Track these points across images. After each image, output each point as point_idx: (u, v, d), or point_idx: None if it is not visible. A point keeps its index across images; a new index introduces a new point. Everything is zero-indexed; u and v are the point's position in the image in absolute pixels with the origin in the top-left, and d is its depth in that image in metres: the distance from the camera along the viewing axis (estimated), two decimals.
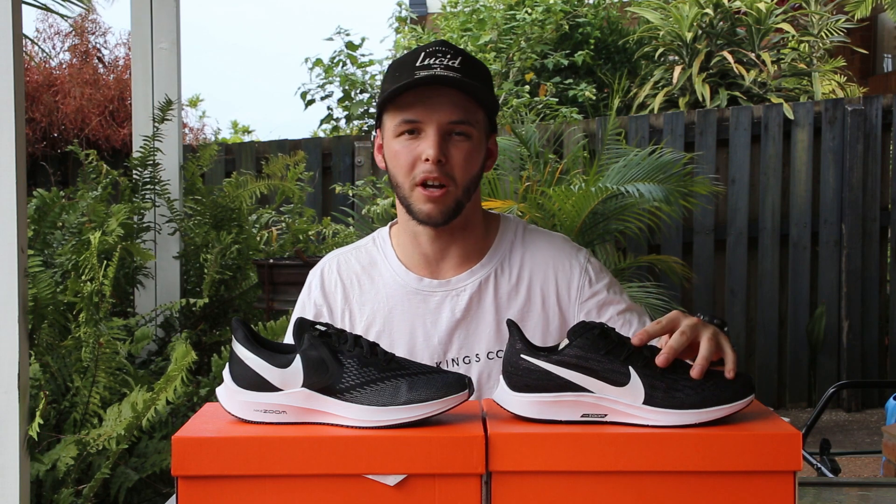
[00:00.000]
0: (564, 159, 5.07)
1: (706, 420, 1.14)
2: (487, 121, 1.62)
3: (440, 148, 1.54)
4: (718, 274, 5.66)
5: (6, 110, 2.10)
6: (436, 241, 1.64)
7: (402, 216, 1.66)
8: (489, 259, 1.66)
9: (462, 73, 1.55)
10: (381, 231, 1.74)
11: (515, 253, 1.67)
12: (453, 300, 1.64)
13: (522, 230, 1.71)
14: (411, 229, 1.65)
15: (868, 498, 1.76)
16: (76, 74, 6.05)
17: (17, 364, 2.11)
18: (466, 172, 1.57)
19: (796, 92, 6.81)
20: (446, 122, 1.55)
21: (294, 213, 4.23)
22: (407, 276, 1.66)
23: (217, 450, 1.12)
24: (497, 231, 1.69)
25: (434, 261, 1.66)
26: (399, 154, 1.57)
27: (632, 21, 7.71)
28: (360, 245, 1.74)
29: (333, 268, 1.70)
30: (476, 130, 1.58)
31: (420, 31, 7.86)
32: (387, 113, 1.60)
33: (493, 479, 1.12)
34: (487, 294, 1.64)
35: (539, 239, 1.70)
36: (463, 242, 1.65)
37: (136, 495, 2.67)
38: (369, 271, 1.68)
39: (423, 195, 1.56)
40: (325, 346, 1.17)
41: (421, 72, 1.54)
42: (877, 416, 5.35)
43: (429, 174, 1.55)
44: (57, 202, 3.09)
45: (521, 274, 1.66)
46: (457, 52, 1.58)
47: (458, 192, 1.57)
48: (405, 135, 1.57)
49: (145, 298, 3.42)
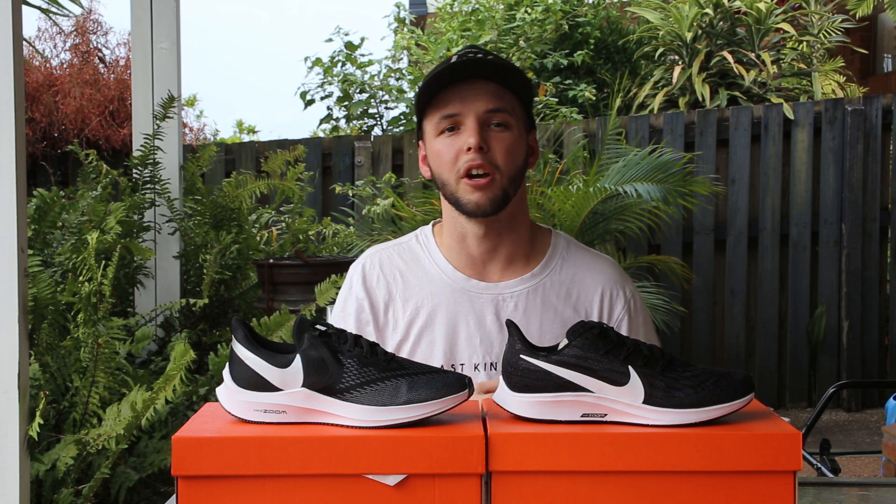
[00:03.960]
0: (564, 159, 5.06)
1: (706, 419, 1.14)
2: (525, 115, 1.63)
3: (480, 135, 1.55)
4: (718, 274, 5.66)
5: (6, 110, 2.10)
6: (483, 242, 1.64)
7: (448, 217, 1.66)
8: (541, 270, 1.66)
9: (495, 63, 1.58)
10: (423, 229, 1.74)
11: (566, 269, 1.67)
12: (499, 304, 1.64)
13: (573, 247, 1.72)
14: (458, 230, 1.65)
15: (868, 498, 1.75)
16: (76, 74, 6.04)
17: (17, 364, 2.11)
18: (510, 162, 1.58)
19: (796, 92, 6.81)
20: (483, 112, 1.56)
21: (294, 213, 4.23)
22: (455, 274, 1.65)
23: (217, 450, 1.12)
24: (549, 244, 1.70)
25: (480, 262, 1.66)
26: (441, 152, 1.59)
27: (632, 21, 7.71)
28: (401, 242, 1.74)
29: (376, 263, 1.70)
30: (514, 120, 1.60)
31: (419, 31, 7.85)
32: (426, 118, 1.62)
33: (493, 479, 1.12)
34: (535, 305, 1.64)
35: (590, 259, 1.71)
36: (510, 244, 1.65)
37: (136, 495, 2.67)
38: (412, 267, 1.68)
39: (470, 185, 1.57)
40: (325, 346, 1.17)
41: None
42: (877, 416, 5.35)
43: (472, 162, 1.56)
44: (57, 202, 3.09)
45: (571, 291, 1.66)
46: (489, 52, 1.61)
47: (503, 180, 1.58)
48: (445, 133, 1.58)
49: (145, 298, 3.42)
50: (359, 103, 6.73)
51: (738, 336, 5.64)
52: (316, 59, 6.90)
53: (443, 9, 7.52)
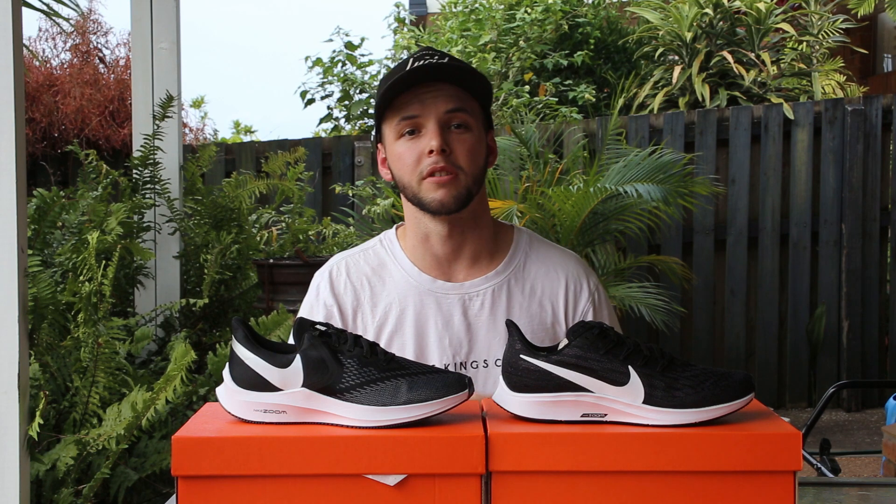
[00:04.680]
0: (564, 159, 5.06)
1: (706, 419, 1.14)
2: (483, 115, 1.63)
3: (442, 138, 1.55)
4: (718, 274, 5.66)
5: (6, 110, 2.09)
6: (447, 242, 1.64)
7: (411, 219, 1.66)
8: (504, 267, 1.67)
9: (451, 66, 1.57)
10: (387, 233, 1.74)
11: (530, 265, 1.68)
12: (466, 304, 1.64)
13: (536, 242, 1.72)
14: (422, 231, 1.64)
15: (868, 498, 1.75)
16: (76, 74, 6.04)
17: (17, 364, 2.11)
18: (472, 162, 1.58)
19: (796, 92, 6.81)
20: (443, 113, 1.56)
21: (294, 213, 4.23)
22: (420, 276, 1.65)
23: (217, 450, 1.12)
24: (511, 241, 1.70)
25: (446, 262, 1.66)
26: (402, 155, 1.58)
27: (631, 21, 7.71)
28: (366, 247, 1.73)
29: (342, 269, 1.69)
30: (474, 120, 1.59)
31: (419, 31, 7.85)
32: (385, 122, 1.61)
33: (493, 479, 1.12)
34: (501, 302, 1.64)
35: (553, 254, 1.71)
36: (474, 243, 1.65)
37: (136, 495, 2.67)
38: (379, 272, 1.68)
39: (433, 182, 1.56)
40: (325, 346, 1.17)
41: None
42: (877, 416, 5.35)
43: (435, 165, 1.55)
44: (57, 202, 3.08)
45: (535, 286, 1.67)
46: (444, 54, 1.60)
47: (468, 179, 1.58)
48: (406, 136, 1.58)
49: (145, 298, 3.42)
50: (359, 103, 6.73)
51: (738, 336, 5.63)
52: (316, 59, 6.90)
53: (447, 6, 7.51)
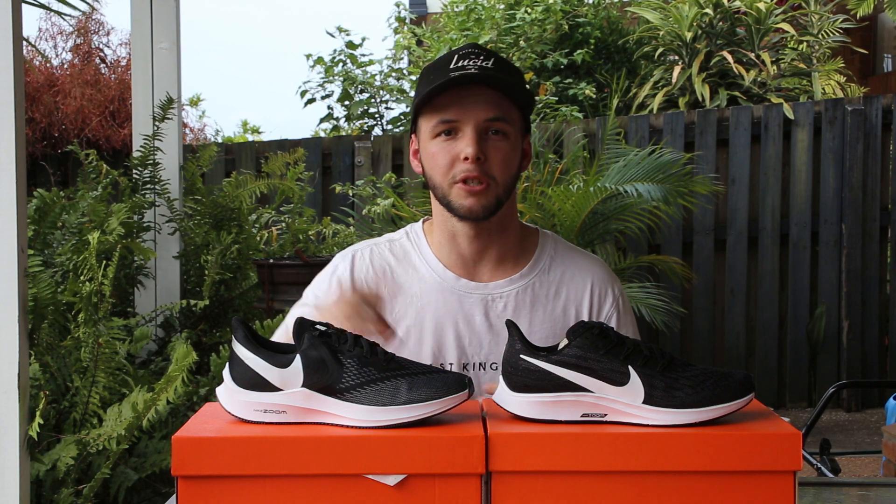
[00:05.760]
0: (564, 159, 5.06)
1: (706, 419, 1.14)
2: (522, 120, 1.62)
3: (478, 146, 1.54)
4: (718, 274, 5.66)
5: (6, 110, 2.09)
6: (474, 242, 1.63)
7: (439, 216, 1.65)
8: (529, 270, 1.66)
9: (496, 72, 1.55)
10: (413, 226, 1.73)
11: (555, 269, 1.68)
12: (488, 305, 1.63)
13: (561, 246, 1.71)
14: (449, 228, 1.64)
15: (868, 498, 1.75)
16: (77, 75, 6.04)
17: (17, 364, 2.11)
18: (505, 172, 1.58)
19: (796, 92, 6.81)
20: (483, 120, 1.55)
21: (294, 213, 4.23)
22: (445, 273, 1.65)
23: (217, 450, 1.12)
24: (537, 244, 1.70)
25: (471, 262, 1.65)
26: (436, 155, 1.57)
27: (631, 21, 7.70)
28: (392, 238, 1.72)
29: (366, 255, 1.68)
30: (512, 129, 1.58)
31: (419, 31, 7.86)
32: (422, 116, 1.60)
33: (493, 479, 1.12)
34: (524, 305, 1.64)
35: (579, 258, 1.71)
36: (501, 245, 1.65)
37: (136, 495, 2.67)
38: (403, 264, 1.67)
39: (464, 190, 1.56)
40: (325, 346, 1.17)
41: (455, 73, 1.54)
42: (877, 416, 5.35)
43: (469, 173, 1.55)
44: (57, 202, 3.08)
45: (559, 290, 1.66)
46: (489, 53, 1.59)
47: (498, 189, 1.57)
48: (442, 136, 1.57)
49: (145, 298, 3.42)
50: (359, 103, 6.73)
51: (738, 336, 5.63)
52: (318, 58, 6.90)
53: (449, 6, 7.51)
